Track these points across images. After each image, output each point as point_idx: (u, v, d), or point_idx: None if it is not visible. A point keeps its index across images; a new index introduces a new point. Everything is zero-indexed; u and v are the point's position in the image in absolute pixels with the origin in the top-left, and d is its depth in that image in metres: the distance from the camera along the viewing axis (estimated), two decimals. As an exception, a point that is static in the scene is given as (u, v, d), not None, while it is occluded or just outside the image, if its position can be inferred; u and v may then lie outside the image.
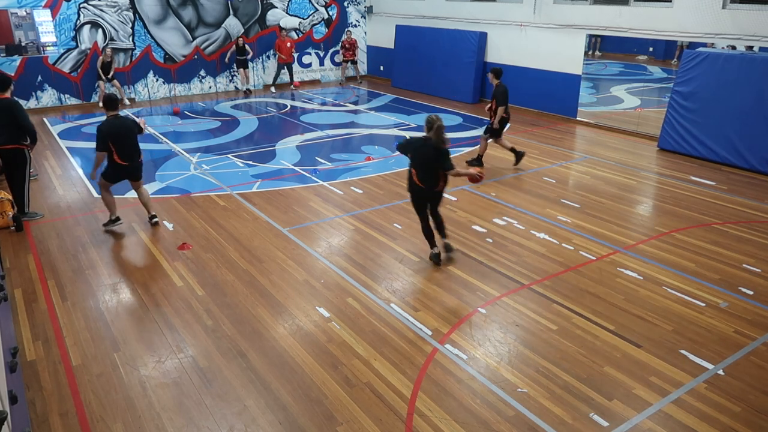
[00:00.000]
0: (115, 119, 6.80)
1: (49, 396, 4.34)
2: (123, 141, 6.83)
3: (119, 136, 6.79)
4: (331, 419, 4.09)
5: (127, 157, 6.91)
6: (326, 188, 8.76)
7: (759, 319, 5.31)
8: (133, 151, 6.98)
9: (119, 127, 6.81)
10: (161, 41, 15.45)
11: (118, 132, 6.79)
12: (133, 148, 6.98)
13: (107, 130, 6.73)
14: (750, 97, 9.43)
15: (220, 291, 5.82)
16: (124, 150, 6.88)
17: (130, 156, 6.94)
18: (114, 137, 6.76)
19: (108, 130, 6.73)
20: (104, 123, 6.79)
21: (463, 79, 15.10)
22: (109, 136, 6.74)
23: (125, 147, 6.88)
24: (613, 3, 11.84)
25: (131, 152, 6.96)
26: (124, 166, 6.94)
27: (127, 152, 6.91)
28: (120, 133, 6.81)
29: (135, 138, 6.97)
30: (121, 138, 6.81)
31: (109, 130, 6.74)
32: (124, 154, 6.88)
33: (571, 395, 4.33)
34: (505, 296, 5.71)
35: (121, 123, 6.84)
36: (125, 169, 6.98)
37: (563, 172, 9.60)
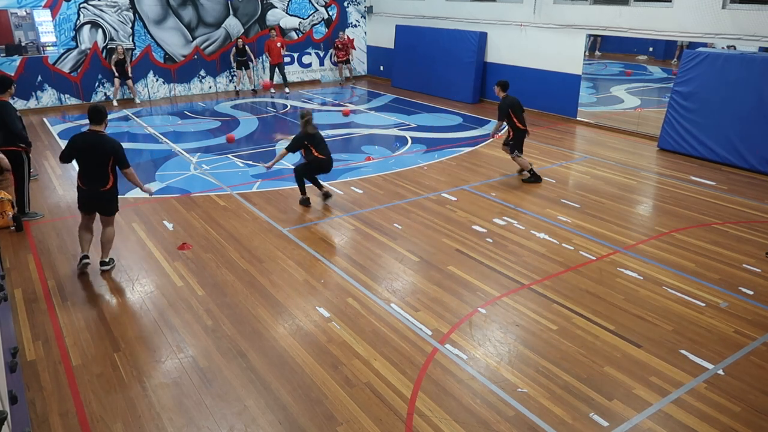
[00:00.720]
0: (92, 135, 5.86)
1: (49, 396, 4.34)
2: (88, 160, 5.88)
3: (86, 152, 5.86)
4: (331, 419, 4.09)
5: (88, 180, 5.90)
6: (327, 187, 8.75)
7: (759, 319, 5.31)
8: (97, 177, 5.88)
9: (93, 143, 5.84)
10: (161, 41, 15.45)
11: (87, 147, 5.86)
12: (99, 173, 5.86)
13: (77, 142, 5.91)
14: (750, 97, 9.43)
15: (220, 291, 5.82)
16: (87, 171, 5.89)
17: (91, 180, 5.89)
18: (81, 151, 5.88)
19: (77, 143, 5.91)
20: (79, 135, 6.00)
21: (463, 79, 15.09)
22: (75, 149, 5.90)
23: (89, 168, 5.90)
24: (613, 3, 11.84)
25: (94, 176, 5.87)
26: (84, 190, 5.97)
27: (89, 175, 5.90)
28: (88, 149, 5.86)
29: (104, 164, 5.86)
30: (87, 156, 5.87)
31: (77, 143, 5.90)
32: (85, 176, 5.92)
33: (571, 395, 4.33)
34: (505, 296, 5.71)
35: (96, 140, 5.85)
36: (87, 194, 5.98)
37: (563, 172, 9.60)
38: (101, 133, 5.89)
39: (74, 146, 5.90)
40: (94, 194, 5.97)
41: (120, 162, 5.90)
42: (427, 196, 8.39)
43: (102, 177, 5.89)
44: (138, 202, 8.20)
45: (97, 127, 5.86)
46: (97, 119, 5.85)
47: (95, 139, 5.85)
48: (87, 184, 5.94)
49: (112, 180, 5.96)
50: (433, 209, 7.91)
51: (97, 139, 5.85)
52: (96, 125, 5.87)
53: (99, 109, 5.86)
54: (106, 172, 5.90)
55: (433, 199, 8.29)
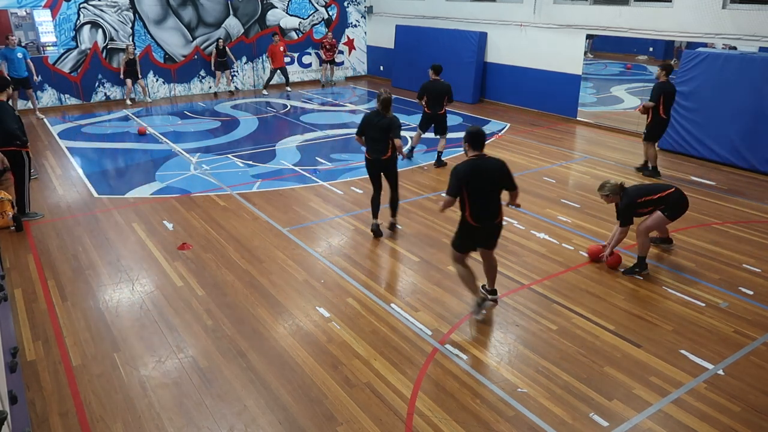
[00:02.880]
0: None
1: (49, 396, 4.34)
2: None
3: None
4: (331, 419, 4.09)
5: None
6: (326, 188, 8.76)
7: (759, 319, 5.31)
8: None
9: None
10: (161, 41, 15.44)
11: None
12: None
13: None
14: (750, 97, 9.43)
15: (220, 291, 5.82)
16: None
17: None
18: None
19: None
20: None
21: (463, 79, 15.09)
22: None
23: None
24: (613, 3, 11.84)
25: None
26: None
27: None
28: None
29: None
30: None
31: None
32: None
33: (571, 395, 4.33)
34: (505, 296, 5.71)
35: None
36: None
37: (563, 172, 9.60)
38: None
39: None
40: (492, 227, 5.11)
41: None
42: (427, 196, 8.39)
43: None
44: (138, 202, 8.21)
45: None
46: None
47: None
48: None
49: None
50: (433, 209, 7.91)
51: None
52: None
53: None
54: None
55: (433, 199, 8.29)
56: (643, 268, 6.14)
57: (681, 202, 6.03)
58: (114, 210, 7.94)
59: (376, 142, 6.53)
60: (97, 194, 8.57)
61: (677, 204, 6.00)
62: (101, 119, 13.35)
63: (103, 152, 10.71)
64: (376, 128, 6.50)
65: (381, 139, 6.49)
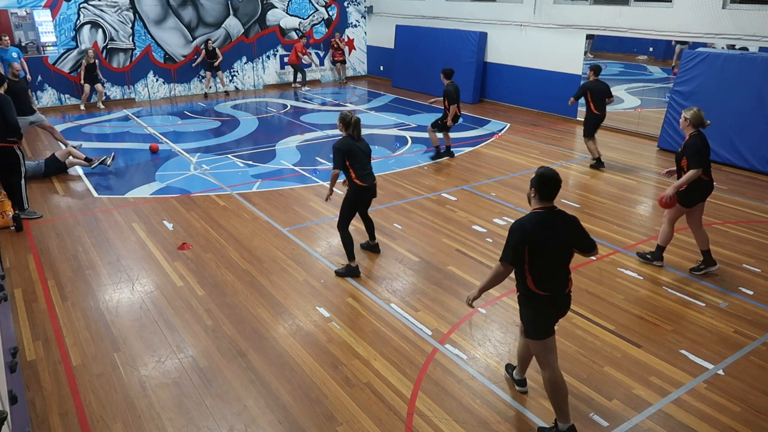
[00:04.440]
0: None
1: (49, 396, 4.34)
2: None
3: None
4: (331, 419, 4.09)
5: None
6: (326, 188, 8.74)
7: (759, 319, 5.31)
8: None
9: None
10: (161, 41, 15.44)
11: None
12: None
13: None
14: (750, 97, 9.43)
15: (220, 291, 5.82)
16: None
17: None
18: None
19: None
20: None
21: (463, 79, 15.06)
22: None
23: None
24: (613, 3, 11.84)
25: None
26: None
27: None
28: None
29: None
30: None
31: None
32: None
33: (571, 395, 4.31)
34: (505, 296, 5.70)
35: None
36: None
37: (563, 172, 9.60)
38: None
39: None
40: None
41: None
42: (427, 196, 8.39)
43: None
44: (138, 202, 8.20)
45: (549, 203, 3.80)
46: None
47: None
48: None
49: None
50: (433, 209, 7.91)
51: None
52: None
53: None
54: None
55: (433, 199, 8.29)
56: (656, 257, 6.22)
57: (703, 187, 5.76)
58: (114, 210, 7.94)
59: (365, 166, 5.91)
60: (97, 194, 8.57)
61: (699, 188, 5.73)
62: (101, 119, 13.35)
63: (102, 152, 10.69)
64: (363, 154, 5.89)
65: (368, 163, 5.96)
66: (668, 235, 6.09)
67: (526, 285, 3.71)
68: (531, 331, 3.83)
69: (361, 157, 5.86)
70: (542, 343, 3.81)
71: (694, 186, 5.79)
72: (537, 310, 3.79)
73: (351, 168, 5.82)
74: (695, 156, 5.64)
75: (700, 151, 5.68)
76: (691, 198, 5.86)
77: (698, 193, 5.87)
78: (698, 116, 5.71)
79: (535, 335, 3.81)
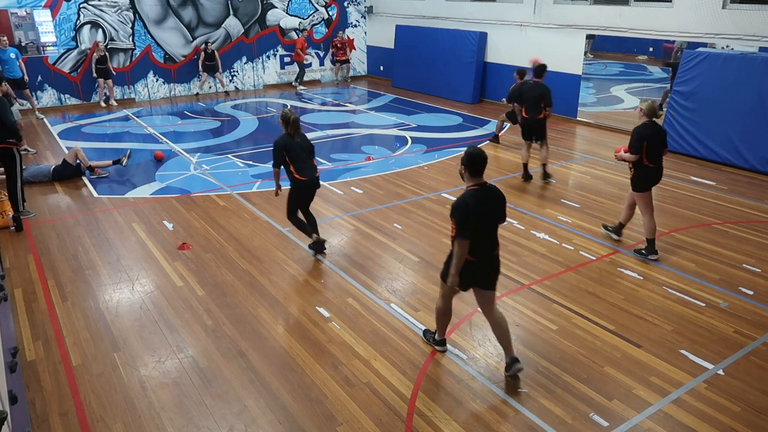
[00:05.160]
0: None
1: (49, 396, 4.34)
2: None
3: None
4: (331, 419, 4.09)
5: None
6: (326, 188, 8.76)
7: (759, 319, 5.31)
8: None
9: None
10: (161, 41, 15.44)
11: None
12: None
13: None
14: (750, 97, 9.43)
15: (220, 291, 5.82)
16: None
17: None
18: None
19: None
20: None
21: (463, 79, 15.09)
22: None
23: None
24: (613, 3, 11.84)
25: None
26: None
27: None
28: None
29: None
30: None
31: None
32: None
33: (571, 395, 4.32)
34: (505, 296, 5.70)
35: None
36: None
37: (563, 172, 9.60)
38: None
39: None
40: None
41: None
42: (427, 196, 8.39)
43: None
44: (138, 202, 8.21)
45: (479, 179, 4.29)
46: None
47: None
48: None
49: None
50: (433, 209, 7.91)
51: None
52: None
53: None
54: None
55: (433, 199, 8.29)
56: (651, 251, 6.42)
57: (649, 173, 6.25)
58: (114, 210, 7.94)
59: (304, 161, 6.15)
60: (97, 194, 8.57)
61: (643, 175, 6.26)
62: (101, 119, 13.35)
63: (103, 152, 10.70)
64: (301, 149, 6.13)
65: (308, 158, 6.21)
66: (651, 225, 6.46)
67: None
68: (450, 280, 4.29)
69: (299, 152, 6.12)
70: (452, 288, 4.39)
71: (642, 172, 6.26)
72: (463, 271, 4.25)
73: (290, 163, 6.09)
74: (636, 142, 6.16)
75: (642, 138, 6.14)
76: (640, 183, 6.31)
77: (645, 179, 6.30)
78: (651, 107, 6.18)
79: (451, 283, 4.29)
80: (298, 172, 6.12)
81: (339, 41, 17.73)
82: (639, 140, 6.13)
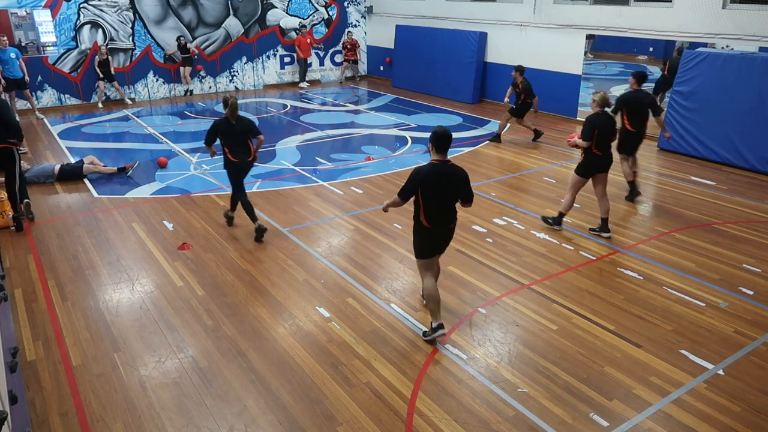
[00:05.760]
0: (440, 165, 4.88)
1: (49, 396, 4.34)
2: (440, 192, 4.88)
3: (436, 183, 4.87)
4: (331, 419, 4.09)
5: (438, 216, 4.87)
6: (326, 188, 8.76)
7: (759, 319, 5.31)
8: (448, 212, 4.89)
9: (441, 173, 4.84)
10: (161, 41, 15.44)
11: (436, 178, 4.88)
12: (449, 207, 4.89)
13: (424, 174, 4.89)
14: (750, 97, 9.43)
15: (220, 291, 5.82)
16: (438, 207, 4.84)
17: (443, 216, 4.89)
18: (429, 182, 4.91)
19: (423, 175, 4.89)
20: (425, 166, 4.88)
21: (463, 79, 15.09)
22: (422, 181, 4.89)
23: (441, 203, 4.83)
24: (613, 3, 11.84)
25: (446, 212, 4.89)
26: (431, 230, 4.93)
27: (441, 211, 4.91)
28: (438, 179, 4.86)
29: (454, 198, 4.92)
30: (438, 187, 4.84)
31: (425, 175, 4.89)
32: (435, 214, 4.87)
33: (571, 395, 4.33)
34: (505, 296, 5.71)
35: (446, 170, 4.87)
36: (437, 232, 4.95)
37: (563, 172, 9.60)
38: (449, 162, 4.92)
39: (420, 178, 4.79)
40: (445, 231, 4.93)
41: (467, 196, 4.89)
42: (427, 196, 8.38)
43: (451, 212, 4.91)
44: (138, 202, 8.21)
45: (442, 156, 4.85)
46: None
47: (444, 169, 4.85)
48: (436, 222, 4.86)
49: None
50: (433, 209, 7.90)
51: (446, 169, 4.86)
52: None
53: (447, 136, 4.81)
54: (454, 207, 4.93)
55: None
56: (557, 222, 7.19)
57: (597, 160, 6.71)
58: (114, 210, 7.94)
59: (239, 145, 6.64)
60: (97, 194, 8.57)
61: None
62: (101, 119, 13.35)
63: (103, 152, 10.71)
64: (236, 133, 6.59)
65: (243, 142, 6.66)
66: (569, 203, 7.05)
67: (419, 218, 4.80)
68: (417, 253, 4.97)
69: (234, 136, 6.60)
70: (422, 261, 4.98)
71: (589, 159, 6.73)
72: (423, 239, 4.87)
73: (225, 145, 6.63)
74: (588, 130, 6.59)
75: (594, 127, 6.56)
76: (587, 169, 6.81)
77: (592, 165, 6.76)
78: (604, 98, 6.63)
79: (419, 256, 4.97)
80: (232, 155, 6.66)
81: (349, 42, 17.75)
82: (591, 129, 6.56)
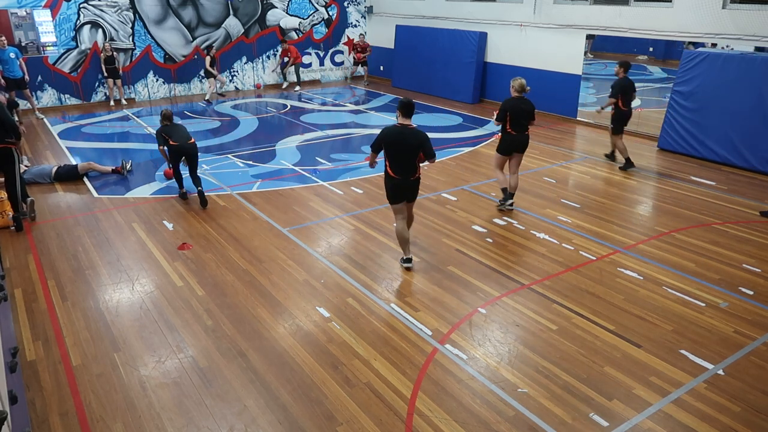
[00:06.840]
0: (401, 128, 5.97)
1: (49, 396, 4.34)
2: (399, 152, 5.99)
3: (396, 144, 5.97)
4: (331, 419, 4.09)
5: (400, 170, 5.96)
6: (326, 188, 8.76)
7: (759, 319, 5.31)
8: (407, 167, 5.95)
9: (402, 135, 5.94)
10: (161, 41, 15.44)
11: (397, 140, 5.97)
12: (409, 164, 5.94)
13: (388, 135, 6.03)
14: (750, 97, 9.43)
15: (220, 291, 5.82)
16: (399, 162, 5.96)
17: (403, 170, 5.96)
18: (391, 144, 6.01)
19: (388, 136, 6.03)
20: (389, 128, 6.06)
21: (463, 79, 15.09)
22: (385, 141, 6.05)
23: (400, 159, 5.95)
24: (613, 3, 11.84)
25: (406, 167, 5.95)
26: (396, 179, 6.03)
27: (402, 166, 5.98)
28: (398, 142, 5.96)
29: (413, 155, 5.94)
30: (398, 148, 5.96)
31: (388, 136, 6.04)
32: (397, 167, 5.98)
33: (571, 395, 4.33)
34: (505, 296, 5.71)
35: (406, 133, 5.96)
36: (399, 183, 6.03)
37: (563, 172, 9.60)
38: (411, 126, 5.92)
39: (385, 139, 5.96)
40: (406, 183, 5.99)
41: (427, 153, 5.85)
42: (427, 196, 8.39)
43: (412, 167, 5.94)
44: (138, 202, 8.21)
45: (406, 120, 5.92)
46: (408, 113, 5.91)
47: (404, 131, 5.89)
48: (399, 174, 5.94)
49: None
50: (433, 209, 7.91)
51: (407, 132, 5.89)
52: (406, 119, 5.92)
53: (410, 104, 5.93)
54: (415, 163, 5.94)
55: (433, 199, 8.29)
56: (506, 199, 7.81)
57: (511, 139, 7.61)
58: (114, 210, 7.94)
59: (180, 137, 8.02)
60: (97, 194, 8.57)
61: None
62: (101, 119, 13.35)
63: (103, 152, 10.71)
64: (179, 135, 8.04)
65: (183, 135, 8.08)
66: (501, 178, 7.85)
67: (387, 169, 5.95)
68: (388, 199, 6.08)
69: (176, 134, 8.04)
70: (393, 206, 6.10)
71: (505, 137, 7.65)
72: (390, 187, 5.99)
73: (168, 138, 7.98)
74: (501, 113, 7.54)
75: (505, 109, 7.50)
76: (502, 147, 7.72)
77: (507, 144, 7.67)
78: (521, 84, 7.54)
79: (390, 201, 6.09)
80: (174, 141, 7.98)
81: (360, 44, 17.73)
82: (503, 111, 7.51)
